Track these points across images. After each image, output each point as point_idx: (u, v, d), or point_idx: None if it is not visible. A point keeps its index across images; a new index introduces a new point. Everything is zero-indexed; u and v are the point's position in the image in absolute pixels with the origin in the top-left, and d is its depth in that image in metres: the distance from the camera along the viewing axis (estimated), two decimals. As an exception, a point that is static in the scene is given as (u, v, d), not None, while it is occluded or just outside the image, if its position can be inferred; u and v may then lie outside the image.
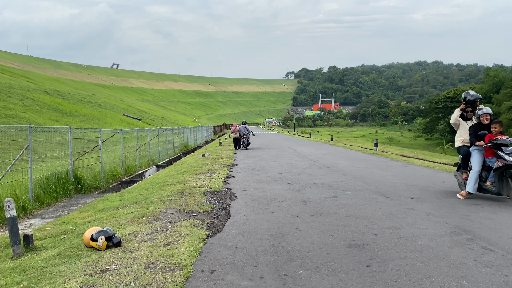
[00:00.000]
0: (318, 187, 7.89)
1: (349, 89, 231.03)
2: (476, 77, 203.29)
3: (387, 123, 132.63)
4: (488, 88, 63.03)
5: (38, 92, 43.19)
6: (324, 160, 13.59)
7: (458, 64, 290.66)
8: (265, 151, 19.08)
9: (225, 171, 11.54)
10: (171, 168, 15.43)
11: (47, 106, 34.95)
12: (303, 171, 10.56)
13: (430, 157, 16.10)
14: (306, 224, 5.07)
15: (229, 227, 5.23)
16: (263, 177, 9.77)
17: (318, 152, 17.53)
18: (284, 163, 12.97)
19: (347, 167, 11.27)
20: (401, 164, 12.17)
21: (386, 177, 9.15)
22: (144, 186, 10.69)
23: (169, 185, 9.75)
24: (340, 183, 8.28)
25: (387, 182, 8.29)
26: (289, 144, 24.72)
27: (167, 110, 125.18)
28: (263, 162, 13.77)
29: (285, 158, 15.13)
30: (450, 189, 7.45)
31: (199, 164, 14.09)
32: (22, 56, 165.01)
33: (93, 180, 12.16)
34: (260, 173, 10.70)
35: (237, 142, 21.65)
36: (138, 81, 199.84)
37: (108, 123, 39.51)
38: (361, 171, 10.26)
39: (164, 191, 8.77)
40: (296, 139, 33.65)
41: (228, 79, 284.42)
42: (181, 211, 6.57)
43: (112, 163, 15.86)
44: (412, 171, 10.38)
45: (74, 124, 30.79)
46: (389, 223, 4.97)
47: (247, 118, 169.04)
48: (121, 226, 5.83)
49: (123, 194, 9.70)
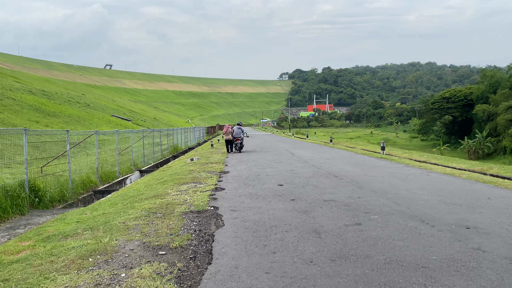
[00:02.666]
0: (331, 207, 6.08)
1: (343, 90, 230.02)
2: (470, 78, 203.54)
3: (381, 124, 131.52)
4: (485, 88, 61.96)
5: (21, 91, 40.99)
6: (329, 167, 11.78)
7: (451, 65, 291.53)
8: (261, 155, 17.26)
9: (213, 181, 9.71)
10: (153, 176, 13.54)
11: (28, 106, 32.82)
12: (307, 182, 8.74)
13: (445, 162, 14.39)
14: (328, 280, 3.25)
15: (209, 284, 3.39)
16: (259, 190, 7.94)
17: (319, 156, 15.73)
18: (282, 170, 11.15)
19: (359, 177, 9.47)
20: (420, 172, 10.40)
21: (413, 191, 7.35)
22: (114, 200, 8.81)
23: (144, 199, 7.89)
24: (359, 201, 6.48)
25: (418, 200, 6.50)
26: (286, 147, 22.90)
27: (160, 111, 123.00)
28: (258, 168, 11.95)
29: (283, 163, 13.31)
30: (507, 209, 5.68)
31: (185, 171, 12.24)
32: (12, 57, 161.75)
33: (57, 192, 10.24)
34: (255, 184, 8.87)
35: (229, 144, 19.79)
36: (131, 82, 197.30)
37: (95, 124, 37.45)
38: (379, 182, 8.46)
39: (134, 209, 6.92)
40: (292, 141, 31.84)
41: (223, 80, 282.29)
42: (146, 246, 4.71)
43: (89, 169, 13.94)
44: (439, 182, 8.61)
45: (56, 125, 28.74)
46: (460, 281, 3.16)
47: (242, 119, 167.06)
48: (51, 275, 3.96)
49: (85, 211, 7.82)
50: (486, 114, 53.06)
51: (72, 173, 12.35)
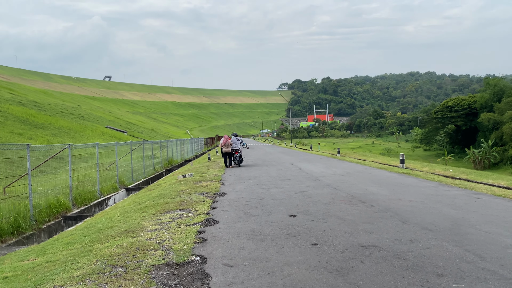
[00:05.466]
0: (377, 262, 4.00)
1: (343, 100, 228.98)
2: (470, 87, 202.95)
3: (383, 134, 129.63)
4: (488, 97, 60.44)
5: (10, 102, 39.09)
6: (348, 186, 9.71)
7: (450, 75, 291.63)
8: (263, 170, 15.19)
9: (205, 207, 7.64)
10: (137, 197, 11.44)
11: (14, 118, 30.84)
12: (328, 211, 6.68)
13: (478, 177, 12.31)
14: None
15: None
16: (264, 225, 5.87)
17: (331, 172, 13.65)
18: (292, 192, 9.09)
19: (393, 202, 7.39)
20: (465, 194, 8.33)
21: (480, 227, 5.27)
22: (75, 235, 6.73)
23: (110, 237, 5.82)
24: (414, 248, 4.40)
25: (503, 246, 4.43)
26: (290, 159, 20.81)
27: (159, 122, 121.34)
28: (262, 189, 9.88)
29: (290, 181, 11.24)
30: None
31: (174, 192, 10.17)
32: (10, 69, 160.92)
33: (11, 221, 8.16)
34: (259, 213, 6.80)
35: (228, 157, 17.75)
36: (130, 93, 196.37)
37: (86, 136, 35.45)
38: (425, 212, 6.36)
39: (89, 257, 4.85)
40: (296, 152, 29.75)
41: (222, 91, 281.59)
42: None
43: (65, 188, 11.87)
44: (503, 210, 6.51)
45: (41, 138, 26.71)
46: None
47: (241, 129, 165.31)
48: None
49: (29, 255, 5.74)
50: (492, 123, 51.37)
51: (40, 196, 10.29)
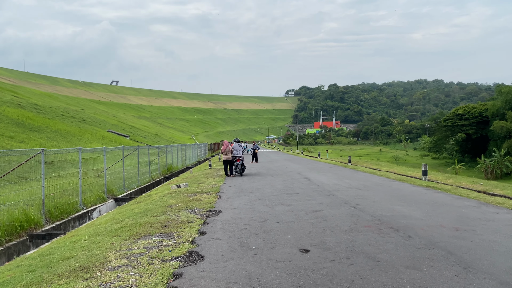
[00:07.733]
0: None
1: (350, 107, 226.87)
2: (478, 95, 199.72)
3: (390, 141, 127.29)
4: (500, 104, 58.44)
5: (7, 104, 37.94)
6: (369, 205, 8.00)
7: (458, 83, 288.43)
8: (267, 180, 13.51)
9: (192, 232, 6.01)
10: (118, 211, 9.82)
11: (8, 120, 29.55)
12: (351, 244, 5.00)
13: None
14: None
15: None
16: (266, 268, 4.20)
17: (345, 184, 11.93)
18: (301, 211, 7.42)
19: (436, 231, 5.68)
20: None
21: None
22: (12, 274, 5.11)
23: (54, 279, 4.19)
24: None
25: None
26: (297, 168, 19.10)
27: (164, 127, 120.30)
28: (265, 205, 8.22)
29: (299, 196, 9.56)
30: None
31: (160, 208, 8.55)
32: (18, 72, 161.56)
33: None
34: (259, 244, 5.14)
35: (228, 165, 16.13)
36: (136, 98, 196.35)
37: (84, 140, 34.07)
38: (490, 250, 4.64)
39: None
40: (303, 160, 28.00)
41: (228, 97, 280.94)
42: None
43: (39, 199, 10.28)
44: None
45: (34, 141, 25.32)
46: None
47: (247, 135, 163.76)
48: None
49: None
50: (504, 131, 49.30)
51: (4, 210, 8.72)
